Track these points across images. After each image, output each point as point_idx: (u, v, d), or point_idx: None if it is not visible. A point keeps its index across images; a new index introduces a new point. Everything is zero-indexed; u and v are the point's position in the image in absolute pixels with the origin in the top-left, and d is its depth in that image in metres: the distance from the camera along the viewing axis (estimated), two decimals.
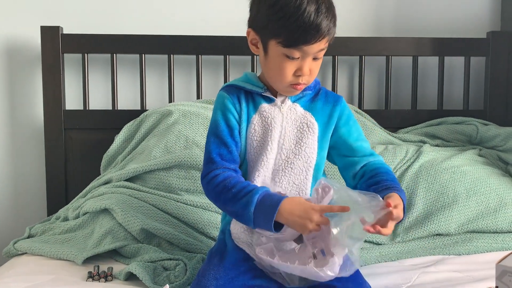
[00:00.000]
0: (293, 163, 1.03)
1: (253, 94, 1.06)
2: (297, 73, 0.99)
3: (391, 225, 0.90)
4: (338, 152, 1.08)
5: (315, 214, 0.89)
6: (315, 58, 1.00)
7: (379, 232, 0.88)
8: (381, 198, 0.90)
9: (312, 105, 1.06)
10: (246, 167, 1.05)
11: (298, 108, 1.05)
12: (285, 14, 0.94)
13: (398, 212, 0.91)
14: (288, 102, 1.06)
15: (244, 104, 1.05)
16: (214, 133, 1.04)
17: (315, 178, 1.04)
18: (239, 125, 1.04)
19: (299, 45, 0.95)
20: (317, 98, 1.08)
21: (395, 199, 0.93)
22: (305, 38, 0.94)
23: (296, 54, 0.97)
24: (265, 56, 1.01)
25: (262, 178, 1.02)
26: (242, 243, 1.04)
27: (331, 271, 0.87)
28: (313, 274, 0.89)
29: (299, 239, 0.96)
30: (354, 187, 1.05)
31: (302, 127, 1.04)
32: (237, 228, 1.04)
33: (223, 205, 1.00)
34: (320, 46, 0.98)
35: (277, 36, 0.96)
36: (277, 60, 0.98)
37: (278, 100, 1.06)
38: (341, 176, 1.11)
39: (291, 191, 1.03)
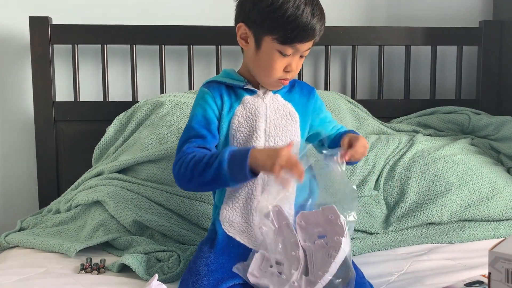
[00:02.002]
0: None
1: (235, 88, 1.09)
2: (287, 69, 1.05)
3: (357, 150, 1.00)
4: (317, 138, 1.18)
5: (283, 149, 0.92)
6: (301, 56, 1.06)
7: (352, 157, 0.99)
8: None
9: (291, 96, 1.12)
10: None
11: (279, 98, 1.11)
12: (284, 13, 0.99)
13: (356, 148, 1.00)
14: (270, 93, 1.10)
15: (226, 98, 1.08)
16: (188, 126, 1.06)
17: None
18: (219, 121, 1.07)
19: (294, 43, 1.01)
20: (294, 90, 1.14)
21: (344, 141, 1.03)
22: (301, 37, 1.01)
23: (289, 51, 1.02)
24: (257, 51, 1.05)
25: None
26: (233, 230, 1.06)
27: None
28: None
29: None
30: None
31: (285, 115, 1.09)
32: (229, 214, 1.06)
33: (199, 178, 0.98)
34: (310, 45, 1.05)
35: (274, 33, 1.01)
36: (270, 55, 1.03)
37: (260, 91, 1.10)
38: None
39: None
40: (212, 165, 0.96)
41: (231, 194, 1.07)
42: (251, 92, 1.09)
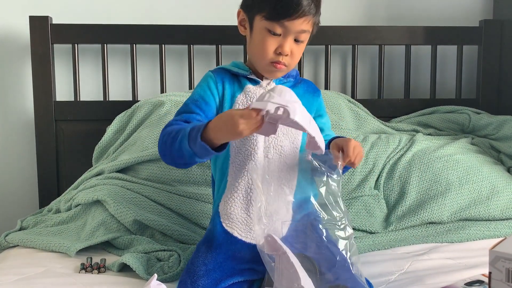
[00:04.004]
0: (282, 141, 1.04)
1: (239, 77, 1.09)
2: (278, 51, 1.02)
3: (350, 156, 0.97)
4: None
5: (236, 111, 0.87)
6: (297, 41, 1.03)
7: (349, 163, 0.97)
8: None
9: (295, 90, 1.07)
10: (228, 148, 1.02)
11: None
12: None
13: (349, 155, 0.97)
14: (273, 84, 1.08)
15: (227, 85, 1.07)
16: (183, 104, 1.05)
17: (300, 160, 1.05)
18: (219, 108, 1.06)
19: (281, 19, 0.99)
20: (299, 86, 1.13)
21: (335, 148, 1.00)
22: (286, 12, 0.98)
23: (278, 29, 1.00)
24: (251, 34, 1.05)
25: (255, 155, 1.01)
26: (232, 224, 1.02)
27: None
28: None
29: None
30: None
31: None
32: (229, 206, 1.02)
33: (170, 151, 0.96)
34: (302, 25, 1.01)
35: (262, 10, 1.01)
36: (260, 35, 1.02)
37: (264, 82, 1.09)
38: None
39: (282, 169, 1.02)
40: (178, 139, 0.94)
41: (231, 185, 1.03)
42: (254, 82, 1.08)
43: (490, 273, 0.78)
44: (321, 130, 1.12)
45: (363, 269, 1.04)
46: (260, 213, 0.90)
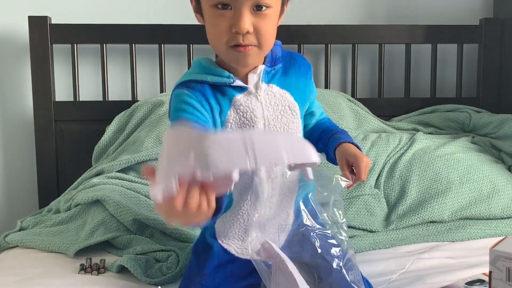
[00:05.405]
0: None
1: (220, 86, 0.88)
2: (233, 29, 0.81)
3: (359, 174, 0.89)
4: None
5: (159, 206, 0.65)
6: (258, 7, 0.81)
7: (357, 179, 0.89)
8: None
9: (287, 81, 0.92)
10: None
11: (275, 88, 0.90)
12: None
13: (360, 171, 0.89)
14: (263, 85, 0.89)
15: (213, 102, 0.86)
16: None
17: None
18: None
19: None
20: (290, 70, 0.93)
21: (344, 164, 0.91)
22: None
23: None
24: (204, 20, 0.87)
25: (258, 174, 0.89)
26: (229, 241, 0.94)
27: None
28: None
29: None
30: None
31: (284, 110, 0.90)
32: (228, 223, 0.93)
33: None
34: None
35: None
36: (210, 15, 0.83)
37: (251, 86, 0.89)
38: None
39: (284, 190, 0.93)
40: None
41: (234, 207, 0.91)
42: (241, 89, 0.88)
43: (490, 272, 0.78)
44: (313, 115, 1.01)
45: (364, 268, 1.04)
46: (256, 221, 0.84)
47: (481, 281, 0.95)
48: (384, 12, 1.95)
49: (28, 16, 1.69)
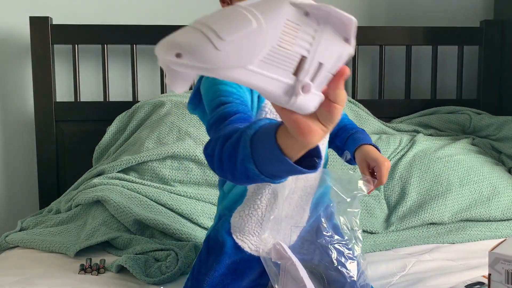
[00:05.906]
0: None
1: None
2: None
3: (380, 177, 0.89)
4: None
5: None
6: None
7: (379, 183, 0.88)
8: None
9: None
10: None
11: None
12: None
13: (381, 175, 0.88)
14: None
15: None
16: (212, 109, 0.80)
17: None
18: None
19: None
20: None
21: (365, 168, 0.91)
22: None
23: None
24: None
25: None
26: (243, 237, 0.93)
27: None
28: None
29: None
30: None
31: None
32: (245, 217, 0.91)
33: (233, 167, 0.64)
34: None
35: None
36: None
37: None
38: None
39: (306, 187, 0.91)
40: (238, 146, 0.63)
41: (251, 201, 0.90)
42: None
43: (489, 274, 0.78)
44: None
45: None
46: (272, 221, 0.84)
47: (480, 284, 0.95)
48: (384, 13, 1.95)
49: (29, 17, 1.69)
